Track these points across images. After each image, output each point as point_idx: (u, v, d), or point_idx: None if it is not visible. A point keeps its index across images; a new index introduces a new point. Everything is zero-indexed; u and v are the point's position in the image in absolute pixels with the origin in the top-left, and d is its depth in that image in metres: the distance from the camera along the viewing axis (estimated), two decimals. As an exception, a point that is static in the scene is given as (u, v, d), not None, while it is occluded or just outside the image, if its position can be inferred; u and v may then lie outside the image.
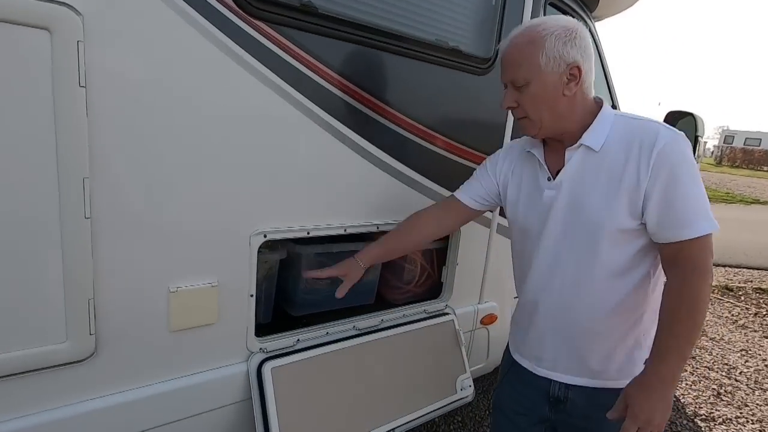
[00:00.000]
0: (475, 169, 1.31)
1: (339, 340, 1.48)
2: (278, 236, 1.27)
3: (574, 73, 0.99)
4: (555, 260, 1.08)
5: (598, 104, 1.05)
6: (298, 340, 1.40)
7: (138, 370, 1.13)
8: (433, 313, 1.76)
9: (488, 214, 1.85)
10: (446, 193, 1.61)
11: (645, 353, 1.03)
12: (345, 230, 1.42)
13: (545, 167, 1.10)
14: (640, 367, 1.00)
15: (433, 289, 1.88)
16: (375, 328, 1.58)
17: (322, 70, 1.24)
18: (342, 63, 1.28)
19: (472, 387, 1.74)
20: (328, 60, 1.25)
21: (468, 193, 1.28)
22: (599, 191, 1.00)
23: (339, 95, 1.29)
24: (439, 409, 1.61)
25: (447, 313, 1.79)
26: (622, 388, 0.98)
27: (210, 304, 1.19)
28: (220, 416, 1.27)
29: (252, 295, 1.27)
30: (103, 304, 1.04)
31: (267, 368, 1.29)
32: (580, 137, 1.03)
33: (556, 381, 1.13)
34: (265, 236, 1.24)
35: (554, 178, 1.08)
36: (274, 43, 1.14)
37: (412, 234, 1.33)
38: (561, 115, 1.02)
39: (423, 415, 1.57)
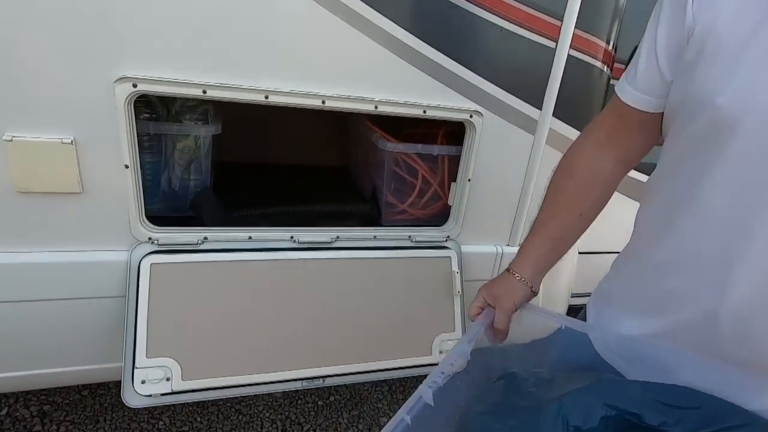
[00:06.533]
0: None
1: (267, 250, 1.12)
2: (155, 88, 0.93)
3: None
4: None
5: None
6: (205, 238, 1.09)
7: (-15, 231, 0.96)
8: (423, 244, 1.26)
9: (531, 111, 1.21)
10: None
11: None
12: (267, 97, 1.00)
13: None
14: None
15: (441, 214, 1.37)
16: (325, 246, 1.18)
17: None
18: None
19: (462, 353, 1.23)
20: None
21: (636, 83, 0.61)
22: None
23: None
24: (395, 369, 1.17)
25: (445, 247, 1.28)
26: None
27: (67, 168, 0.94)
28: (91, 308, 1.05)
29: (127, 167, 0.97)
30: None
31: (146, 263, 1.01)
32: None
33: None
34: (134, 85, 0.91)
35: None
36: None
37: (586, 195, 0.70)
38: None
39: (366, 372, 1.15)
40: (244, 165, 1.70)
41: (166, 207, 1.22)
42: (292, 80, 1.00)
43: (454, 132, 1.40)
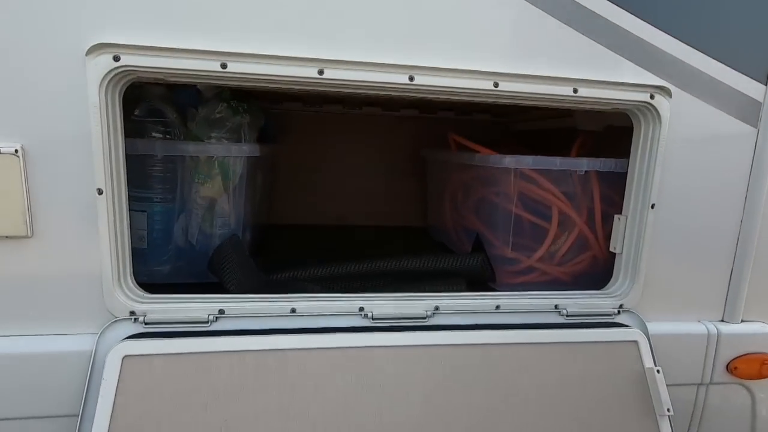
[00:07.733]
0: None
1: (321, 332, 0.66)
2: (149, 62, 0.58)
3: None
4: None
5: None
6: (221, 311, 0.66)
7: None
8: (578, 319, 0.74)
9: (750, 87, 0.72)
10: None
11: None
12: (321, 72, 0.62)
13: None
14: None
15: (592, 271, 0.85)
16: (417, 323, 0.70)
17: None
18: None
19: None
20: None
21: None
22: None
23: None
24: None
25: (622, 325, 0.74)
26: None
27: (9, 196, 0.58)
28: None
29: (101, 192, 0.60)
30: None
31: (116, 355, 0.59)
32: None
33: None
34: (116, 58, 0.57)
35: None
36: None
37: None
38: None
39: None
40: (291, 227, 1.33)
41: (179, 270, 0.82)
42: (364, 47, 0.62)
43: (586, 143, 0.94)
